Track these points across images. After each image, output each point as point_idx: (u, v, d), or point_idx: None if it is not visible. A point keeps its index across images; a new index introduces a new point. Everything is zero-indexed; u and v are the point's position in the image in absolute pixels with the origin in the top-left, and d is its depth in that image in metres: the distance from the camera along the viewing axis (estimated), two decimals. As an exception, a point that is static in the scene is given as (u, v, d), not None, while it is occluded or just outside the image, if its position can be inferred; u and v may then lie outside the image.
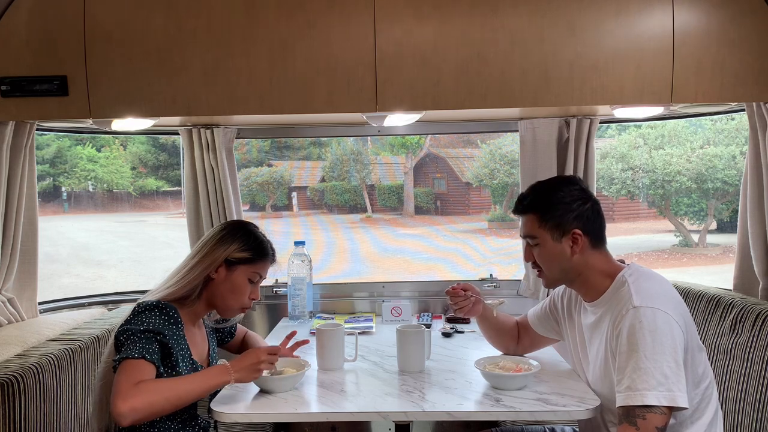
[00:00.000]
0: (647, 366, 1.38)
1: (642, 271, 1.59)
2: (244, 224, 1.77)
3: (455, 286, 1.88)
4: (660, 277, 1.60)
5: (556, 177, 1.71)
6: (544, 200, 1.61)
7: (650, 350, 1.39)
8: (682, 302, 1.54)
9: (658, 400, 1.36)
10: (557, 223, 1.58)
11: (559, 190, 1.61)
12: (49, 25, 1.91)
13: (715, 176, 8.19)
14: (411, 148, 10.49)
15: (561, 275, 1.64)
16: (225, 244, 1.68)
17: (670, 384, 1.37)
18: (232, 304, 1.70)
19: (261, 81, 1.91)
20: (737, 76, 1.86)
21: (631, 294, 1.49)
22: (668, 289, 1.55)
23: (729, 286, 2.21)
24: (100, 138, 10.07)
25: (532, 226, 1.62)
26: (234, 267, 1.68)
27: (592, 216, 1.60)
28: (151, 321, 1.55)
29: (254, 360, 1.58)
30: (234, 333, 1.96)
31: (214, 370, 1.57)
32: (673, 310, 1.45)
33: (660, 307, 1.44)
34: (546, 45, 1.89)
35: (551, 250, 1.60)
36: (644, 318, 1.43)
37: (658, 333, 1.40)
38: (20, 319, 2.13)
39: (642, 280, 1.54)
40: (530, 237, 1.63)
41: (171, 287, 1.65)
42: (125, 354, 1.49)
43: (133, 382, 1.43)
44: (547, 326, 1.87)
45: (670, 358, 1.38)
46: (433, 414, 1.56)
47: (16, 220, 2.08)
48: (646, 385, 1.37)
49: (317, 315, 2.57)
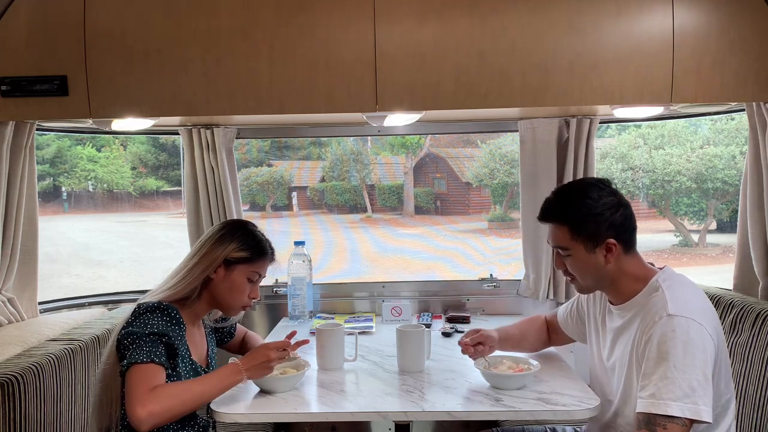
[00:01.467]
0: (676, 376, 1.35)
1: (677, 278, 1.55)
2: (242, 223, 1.77)
3: (465, 341, 1.79)
4: (695, 286, 1.56)
5: (583, 181, 1.65)
6: (575, 211, 1.54)
7: (681, 361, 1.36)
8: (716, 314, 1.51)
9: (682, 411, 1.33)
10: (590, 234, 1.53)
11: (589, 198, 1.53)
12: (49, 25, 1.90)
13: (715, 176, 8.19)
14: (411, 148, 10.50)
15: (595, 283, 1.60)
16: (223, 244, 1.68)
17: (696, 397, 1.34)
18: (232, 303, 1.70)
19: (261, 81, 1.91)
20: (737, 76, 1.86)
21: (665, 301, 1.45)
22: (703, 300, 1.51)
23: (729, 286, 2.21)
24: (100, 138, 10.07)
25: (563, 237, 1.56)
26: (233, 266, 1.68)
27: (625, 222, 1.54)
28: (154, 323, 1.55)
29: (264, 358, 1.59)
30: (234, 333, 1.96)
31: (226, 371, 1.58)
32: (708, 323, 1.42)
33: (695, 318, 1.40)
34: (546, 45, 1.89)
35: (585, 260, 1.55)
36: (678, 327, 1.39)
37: (691, 344, 1.37)
38: (20, 319, 2.13)
39: (677, 288, 1.50)
40: (561, 248, 1.58)
41: (171, 288, 1.64)
42: (133, 359, 1.48)
43: (149, 388, 1.44)
44: (573, 327, 1.85)
45: (700, 372, 1.35)
46: (433, 414, 1.57)
47: (16, 220, 2.08)
48: (672, 396, 1.34)
49: (317, 315, 2.57)
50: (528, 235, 2.51)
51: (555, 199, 1.59)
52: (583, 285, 1.62)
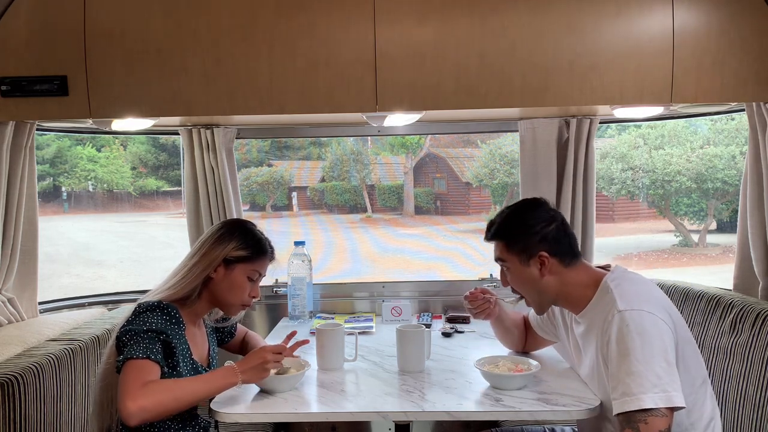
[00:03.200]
0: (639, 369, 1.37)
1: (625, 275, 1.59)
2: (241, 222, 1.77)
3: (474, 291, 1.90)
4: (642, 278, 1.61)
5: (522, 201, 1.74)
6: (509, 226, 1.64)
7: (640, 353, 1.38)
8: (667, 299, 1.55)
9: (655, 402, 1.34)
10: (523, 247, 1.61)
11: (524, 215, 1.64)
12: (49, 25, 1.90)
13: (715, 176, 8.18)
14: (411, 148, 10.49)
15: (540, 297, 1.65)
16: (223, 244, 1.68)
17: (664, 384, 1.36)
18: (232, 302, 1.70)
19: (261, 81, 1.91)
20: (737, 76, 1.86)
21: (615, 299, 1.49)
22: (651, 289, 1.55)
23: (729, 286, 2.21)
24: (100, 138, 10.06)
25: (501, 250, 1.66)
26: (233, 266, 1.68)
27: (558, 236, 1.61)
28: (153, 321, 1.55)
29: (260, 360, 1.59)
30: (234, 333, 1.96)
31: (221, 372, 1.57)
32: (659, 310, 1.45)
33: (645, 309, 1.44)
34: (546, 45, 1.89)
35: (521, 273, 1.63)
36: (631, 321, 1.42)
37: (647, 335, 1.40)
38: (20, 319, 2.13)
39: (624, 284, 1.54)
40: (500, 260, 1.67)
41: (171, 288, 1.64)
42: (129, 354, 1.48)
43: (141, 383, 1.44)
44: (545, 329, 1.88)
45: (661, 359, 1.38)
46: (433, 414, 1.57)
47: (16, 220, 2.08)
48: (642, 389, 1.36)
49: (317, 315, 2.57)
50: (528, 235, 2.51)
51: (495, 218, 1.70)
52: (531, 302, 1.68)
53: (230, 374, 1.56)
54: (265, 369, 1.59)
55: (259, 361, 1.58)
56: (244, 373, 1.57)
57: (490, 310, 1.89)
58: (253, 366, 1.58)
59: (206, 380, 1.55)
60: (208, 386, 1.54)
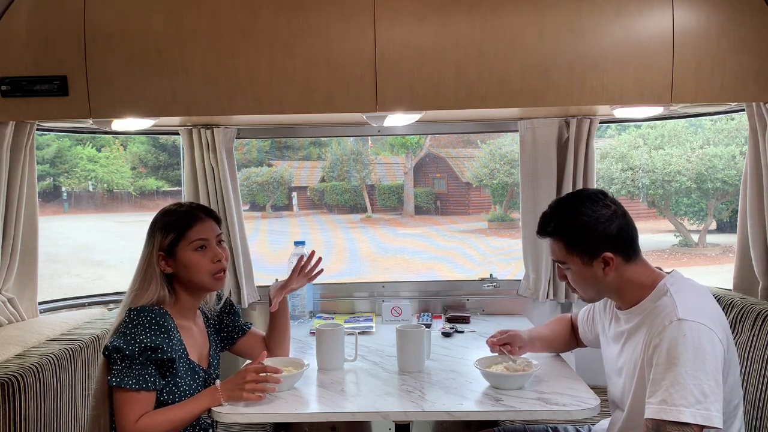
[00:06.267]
0: (687, 382, 1.33)
1: (686, 282, 1.54)
2: (161, 211, 1.75)
3: (493, 342, 1.82)
4: (705, 290, 1.55)
5: (578, 194, 1.64)
6: (568, 225, 1.54)
7: (691, 366, 1.34)
8: (725, 319, 1.49)
9: (694, 418, 1.31)
10: (585, 248, 1.53)
11: (582, 211, 1.53)
12: (49, 25, 1.90)
13: (714, 176, 8.18)
14: (411, 148, 10.48)
15: (597, 294, 1.60)
16: (152, 241, 1.69)
17: (708, 403, 1.32)
18: (200, 279, 1.69)
19: (261, 81, 1.91)
20: (737, 76, 1.86)
21: (675, 305, 1.43)
22: (713, 305, 1.50)
23: (729, 286, 2.21)
24: (100, 138, 10.06)
25: (559, 251, 1.57)
26: (173, 252, 1.68)
27: (621, 233, 1.53)
28: (144, 336, 1.57)
29: (240, 380, 1.60)
30: (245, 329, 1.92)
31: (205, 394, 1.63)
32: (717, 327, 1.41)
33: (706, 323, 1.39)
34: (546, 45, 1.89)
35: (583, 274, 1.55)
36: (689, 332, 1.37)
37: (702, 349, 1.35)
38: (20, 319, 2.13)
39: (687, 292, 1.49)
40: (560, 262, 1.59)
41: (138, 295, 1.66)
42: (122, 383, 1.54)
43: (134, 418, 1.54)
44: (587, 334, 1.85)
45: (711, 377, 1.34)
46: (433, 414, 1.57)
47: (16, 220, 2.08)
48: (684, 402, 1.32)
49: (317, 315, 2.57)
50: (528, 235, 2.51)
51: (550, 213, 1.59)
52: (585, 297, 1.62)
53: (212, 396, 1.61)
54: (243, 389, 1.59)
55: (239, 381, 1.60)
56: (224, 392, 1.60)
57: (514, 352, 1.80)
58: (233, 386, 1.60)
59: (190, 406, 1.61)
60: (195, 411, 1.60)
